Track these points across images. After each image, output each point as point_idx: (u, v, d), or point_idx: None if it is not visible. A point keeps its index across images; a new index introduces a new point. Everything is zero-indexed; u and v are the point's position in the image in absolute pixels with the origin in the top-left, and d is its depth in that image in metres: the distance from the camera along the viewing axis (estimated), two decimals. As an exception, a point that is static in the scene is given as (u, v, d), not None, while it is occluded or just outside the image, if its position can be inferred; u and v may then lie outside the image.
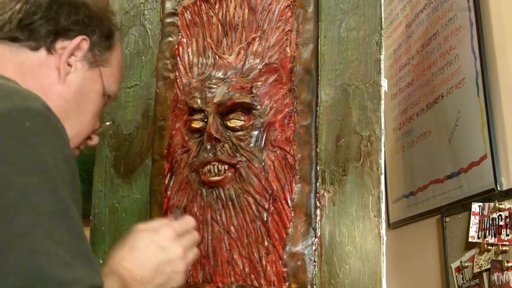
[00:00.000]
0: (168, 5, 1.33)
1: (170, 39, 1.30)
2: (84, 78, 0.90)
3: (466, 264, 1.21)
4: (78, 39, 0.88)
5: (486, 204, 1.15)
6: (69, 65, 0.88)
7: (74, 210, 0.64)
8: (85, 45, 0.89)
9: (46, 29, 0.85)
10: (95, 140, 0.99)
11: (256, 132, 1.11)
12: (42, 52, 0.86)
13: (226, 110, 1.11)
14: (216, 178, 1.11)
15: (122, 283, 0.78)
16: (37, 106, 0.68)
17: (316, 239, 1.04)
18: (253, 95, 1.12)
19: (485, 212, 1.15)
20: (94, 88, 0.92)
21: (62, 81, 0.87)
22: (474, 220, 1.18)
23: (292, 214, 1.07)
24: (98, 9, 0.93)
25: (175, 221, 0.89)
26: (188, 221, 0.92)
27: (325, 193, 1.06)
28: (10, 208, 0.59)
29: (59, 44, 0.87)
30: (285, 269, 1.04)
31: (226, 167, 1.10)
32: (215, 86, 1.13)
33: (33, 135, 0.65)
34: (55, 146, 0.67)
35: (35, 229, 0.59)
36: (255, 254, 1.07)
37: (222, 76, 1.16)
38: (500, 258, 1.08)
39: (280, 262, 1.05)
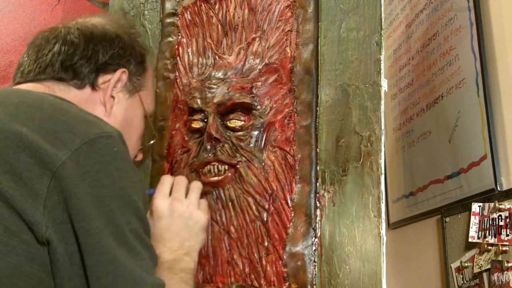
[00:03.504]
0: (168, 5, 1.33)
1: (170, 39, 1.30)
2: (127, 107, 0.97)
3: (466, 264, 1.21)
4: (118, 72, 0.94)
5: (486, 204, 1.15)
6: (112, 97, 0.94)
7: (145, 223, 0.77)
8: (125, 77, 0.96)
9: (87, 68, 0.91)
10: (140, 156, 1.08)
11: (256, 132, 1.11)
12: (87, 89, 0.91)
13: (226, 110, 1.11)
14: (216, 178, 1.11)
15: (168, 264, 0.91)
16: (114, 131, 0.76)
17: (316, 239, 1.04)
18: (253, 95, 1.12)
19: (485, 212, 1.15)
20: (137, 113, 1.00)
21: (109, 114, 0.93)
22: (474, 220, 1.18)
23: (292, 214, 1.07)
24: (129, 37, 0.99)
25: (154, 193, 1.01)
26: (162, 181, 1.02)
27: (325, 193, 1.06)
28: (103, 228, 0.69)
29: (101, 80, 0.93)
30: (285, 269, 1.04)
31: (226, 167, 1.10)
32: (215, 86, 1.13)
33: (119, 161, 0.74)
34: (132, 167, 0.78)
35: (120, 247, 0.70)
36: (255, 254, 1.06)
37: (222, 76, 1.16)
38: (500, 258, 1.07)
39: (280, 262, 1.05)
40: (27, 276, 0.67)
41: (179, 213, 0.98)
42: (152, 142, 1.17)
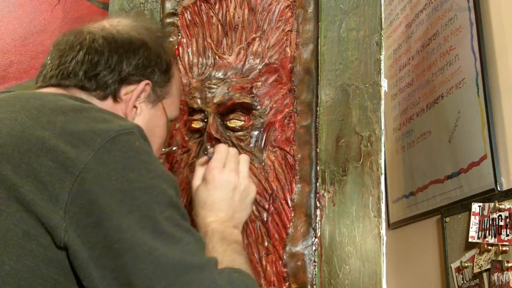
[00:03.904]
0: (168, 5, 1.33)
1: (170, 39, 1.30)
2: (149, 117, 0.94)
3: (466, 264, 1.21)
4: (142, 85, 0.91)
5: (486, 204, 1.15)
6: (135, 107, 0.92)
7: (181, 209, 0.75)
8: (148, 88, 0.93)
9: (111, 80, 0.88)
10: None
11: (256, 132, 1.11)
12: (109, 100, 0.89)
13: (226, 110, 1.11)
14: (216, 178, 1.11)
15: (220, 234, 0.90)
16: (134, 127, 0.76)
17: (316, 239, 1.04)
18: (253, 95, 1.12)
19: (485, 212, 1.15)
20: (159, 123, 0.97)
21: None
22: (474, 220, 1.18)
23: (292, 214, 1.07)
24: (155, 44, 0.95)
25: (210, 160, 0.99)
26: (219, 150, 1.00)
27: (325, 193, 1.06)
28: (136, 222, 0.68)
29: (123, 91, 0.90)
30: (285, 269, 1.04)
31: (226, 167, 1.10)
32: (215, 86, 1.13)
33: (143, 154, 0.74)
34: (156, 159, 0.77)
35: (157, 237, 0.68)
36: (255, 255, 1.06)
37: (222, 76, 1.16)
38: (500, 258, 1.08)
39: (280, 262, 1.05)
40: (43, 279, 0.67)
41: (235, 184, 0.97)
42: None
